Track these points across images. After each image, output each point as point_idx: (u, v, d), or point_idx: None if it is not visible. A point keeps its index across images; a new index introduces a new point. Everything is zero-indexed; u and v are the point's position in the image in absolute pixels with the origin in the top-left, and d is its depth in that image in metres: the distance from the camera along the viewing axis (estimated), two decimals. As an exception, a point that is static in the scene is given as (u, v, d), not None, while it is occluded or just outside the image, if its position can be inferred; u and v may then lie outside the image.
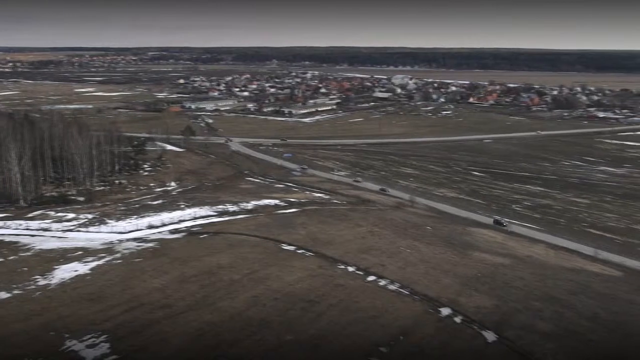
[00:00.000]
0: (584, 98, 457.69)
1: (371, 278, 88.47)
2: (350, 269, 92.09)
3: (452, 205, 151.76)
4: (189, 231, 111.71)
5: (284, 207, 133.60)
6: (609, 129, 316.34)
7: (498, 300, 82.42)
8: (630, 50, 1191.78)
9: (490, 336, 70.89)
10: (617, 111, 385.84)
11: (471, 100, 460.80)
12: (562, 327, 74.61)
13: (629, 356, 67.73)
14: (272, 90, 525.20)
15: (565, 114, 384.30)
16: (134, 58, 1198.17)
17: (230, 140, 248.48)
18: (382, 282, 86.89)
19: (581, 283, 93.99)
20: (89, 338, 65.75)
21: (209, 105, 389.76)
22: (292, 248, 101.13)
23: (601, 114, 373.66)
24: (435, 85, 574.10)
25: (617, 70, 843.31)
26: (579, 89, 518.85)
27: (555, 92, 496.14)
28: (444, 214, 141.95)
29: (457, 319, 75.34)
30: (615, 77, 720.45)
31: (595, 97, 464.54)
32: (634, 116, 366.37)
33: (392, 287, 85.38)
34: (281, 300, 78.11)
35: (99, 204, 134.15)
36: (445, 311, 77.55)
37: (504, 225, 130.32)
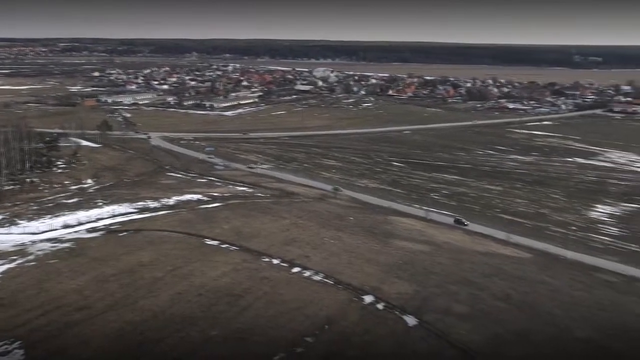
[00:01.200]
0: (495, 90, 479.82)
1: (296, 270, 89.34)
2: (275, 261, 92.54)
3: (374, 196, 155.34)
4: (108, 229, 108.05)
5: (207, 202, 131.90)
6: (518, 119, 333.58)
7: (418, 285, 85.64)
8: (536, 45, 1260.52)
9: (411, 320, 73.61)
10: (525, 102, 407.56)
11: (391, 92, 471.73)
12: (477, 308, 78.65)
13: (537, 332, 72.39)
14: (193, 83, 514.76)
15: (479, 105, 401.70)
16: (43, 49, 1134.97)
17: (149, 137, 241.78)
18: (307, 273, 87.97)
19: (495, 266, 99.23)
20: (1, 346, 62.55)
21: (127, 99, 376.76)
22: (215, 243, 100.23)
23: (511, 105, 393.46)
24: (356, 78, 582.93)
25: (525, 64, 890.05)
26: (490, 81, 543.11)
27: (469, 85, 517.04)
28: (366, 204, 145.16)
29: (380, 306, 77.65)
30: (523, 70, 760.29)
31: (506, 89, 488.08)
32: (540, 107, 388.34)
33: (316, 277, 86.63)
34: (205, 295, 77.41)
35: (9, 204, 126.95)
36: (368, 299, 79.67)
37: (465, 225, 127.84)
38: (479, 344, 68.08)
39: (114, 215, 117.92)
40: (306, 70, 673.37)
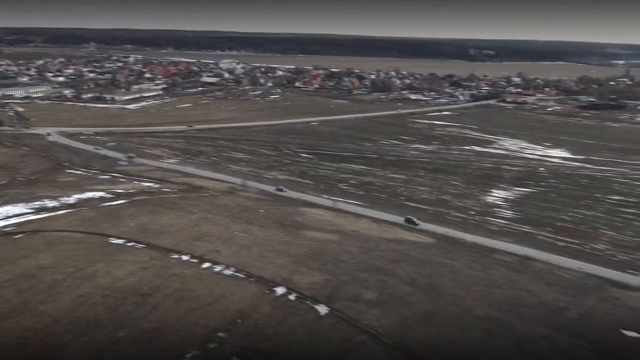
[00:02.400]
0: (398, 82, 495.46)
1: (206, 265, 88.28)
2: (184, 257, 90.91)
3: (284, 187, 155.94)
4: (1, 232, 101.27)
5: (110, 199, 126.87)
6: (420, 109, 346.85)
7: (328, 274, 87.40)
8: (436, 39, 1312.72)
9: (322, 309, 75.11)
10: (426, 93, 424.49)
11: (297, 84, 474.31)
12: (385, 293, 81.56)
13: (441, 312, 76.25)
14: (92, 75, 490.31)
15: (383, 96, 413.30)
16: None
17: (48, 133, 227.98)
18: (218, 268, 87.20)
19: (401, 252, 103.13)
20: None
21: (18, 92, 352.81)
22: (121, 241, 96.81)
23: (413, 96, 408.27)
24: (263, 69, 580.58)
25: (425, 56, 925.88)
26: (393, 73, 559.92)
27: (373, 77, 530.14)
28: (276, 196, 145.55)
29: (292, 297, 78.56)
30: (423, 62, 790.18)
31: (408, 81, 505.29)
32: (439, 98, 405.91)
33: (227, 272, 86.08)
34: (111, 296, 74.78)
35: None
36: (280, 290, 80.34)
37: (417, 224, 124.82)
38: (388, 327, 70.75)
39: (8, 217, 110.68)
40: (212, 62, 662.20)
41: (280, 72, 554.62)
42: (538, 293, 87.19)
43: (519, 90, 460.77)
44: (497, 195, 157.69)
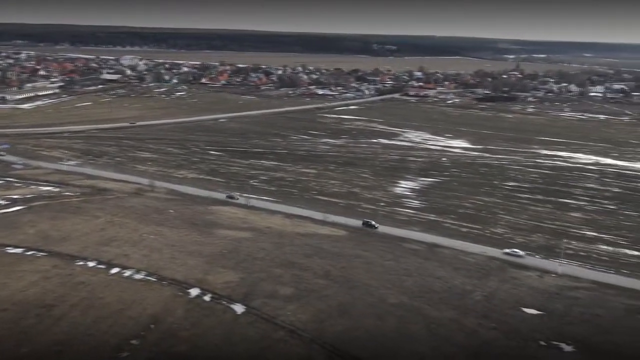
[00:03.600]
0: (305, 77, 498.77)
1: (115, 270, 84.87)
2: (91, 264, 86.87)
3: (193, 186, 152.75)
4: None
5: (5, 206, 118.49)
6: (328, 104, 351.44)
7: (243, 272, 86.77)
8: (340, 34, 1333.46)
9: (239, 308, 74.50)
10: (333, 88, 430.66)
11: (204, 80, 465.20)
12: (301, 288, 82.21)
13: (356, 303, 77.95)
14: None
15: (290, 92, 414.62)
16: None
17: None
18: (128, 273, 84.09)
19: (314, 246, 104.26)
20: None
21: None
22: (19, 251, 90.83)
23: (320, 91, 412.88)
24: (167, 66, 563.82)
25: (331, 52, 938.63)
26: (300, 68, 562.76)
27: (280, 72, 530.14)
28: (186, 196, 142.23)
29: (207, 298, 77.30)
30: (329, 57, 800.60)
31: (314, 76, 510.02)
32: (346, 92, 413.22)
33: (138, 276, 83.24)
34: (11, 310, 70.07)
35: None
36: (194, 292, 78.78)
37: (375, 227, 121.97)
38: (305, 322, 71.39)
39: None
40: (112, 58, 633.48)
41: (185, 69, 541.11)
42: (446, 278, 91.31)
43: (420, 84, 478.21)
44: (404, 186, 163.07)
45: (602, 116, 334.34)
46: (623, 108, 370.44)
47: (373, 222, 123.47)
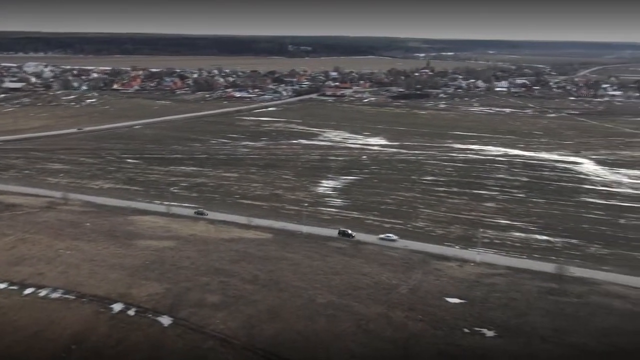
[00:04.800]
0: (222, 80, 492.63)
1: (29, 291, 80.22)
2: (1, 286, 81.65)
3: (110, 197, 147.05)
4: None
5: None
6: (246, 107, 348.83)
7: (169, 283, 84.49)
8: (255, 36, 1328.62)
9: (165, 320, 72.50)
10: (250, 90, 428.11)
11: (116, 86, 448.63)
12: (229, 295, 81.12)
13: (285, 306, 77.91)
14: None
15: (207, 95, 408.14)
16: None
17: None
18: (43, 292, 79.72)
19: (240, 251, 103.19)
20: None
21: None
22: None
23: (238, 94, 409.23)
24: (75, 72, 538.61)
25: (246, 53, 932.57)
26: (216, 71, 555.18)
27: (195, 75, 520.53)
28: (103, 207, 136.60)
29: (131, 312, 74.67)
30: (245, 59, 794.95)
31: (231, 79, 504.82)
32: (264, 94, 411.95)
33: (55, 295, 79.13)
34: None
35: None
36: (117, 307, 75.87)
37: (352, 236, 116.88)
38: (235, 329, 70.59)
39: None
40: (14, 65, 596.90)
41: (95, 75, 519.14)
42: (372, 274, 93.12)
43: (337, 83, 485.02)
44: (326, 186, 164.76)
45: (507, 109, 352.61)
46: (526, 101, 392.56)
47: (350, 232, 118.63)
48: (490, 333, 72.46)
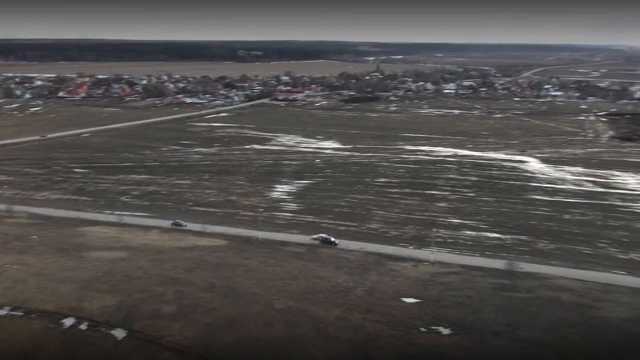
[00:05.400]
0: (172, 86, 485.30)
1: (-27, 309, 76.83)
2: (-57, 305, 77.91)
3: (58, 208, 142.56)
4: None
5: None
6: (197, 113, 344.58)
7: (122, 295, 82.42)
8: (205, 41, 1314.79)
9: (119, 333, 70.74)
10: (202, 96, 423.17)
11: (61, 94, 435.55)
12: (185, 304, 79.79)
13: (243, 313, 77.24)
14: None
15: (157, 101, 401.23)
16: None
17: None
18: (-12, 310, 76.47)
19: (195, 259, 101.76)
20: None
21: None
22: None
23: (188, 100, 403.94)
24: (18, 80, 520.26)
25: (196, 59, 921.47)
26: (165, 77, 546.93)
27: (145, 82, 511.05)
28: (51, 219, 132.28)
29: (83, 326, 72.52)
30: (195, 65, 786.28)
31: (181, 84, 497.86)
32: (215, 100, 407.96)
33: (1, 312, 76.01)
34: None
35: None
36: (68, 322, 73.53)
37: (336, 244, 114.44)
38: (192, 339, 69.50)
39: None
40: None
41: (39, 82, 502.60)
42: (329, 277, 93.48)
43: (288, 88, 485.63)
44: (281, 190, 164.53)
45: (456, 111, 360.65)
46: (473, 103, 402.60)
47: (332, 239, 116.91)
48: (446, 331, 73.83)
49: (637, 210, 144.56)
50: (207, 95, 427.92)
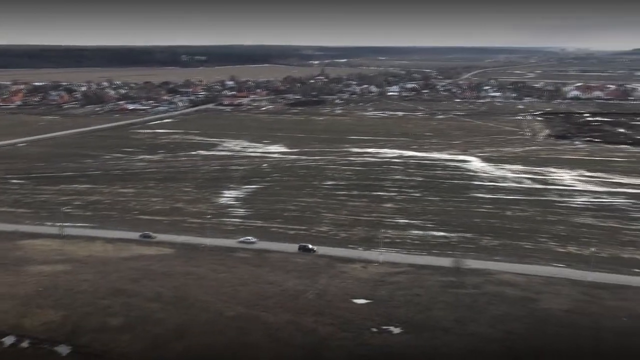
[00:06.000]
0: (113, 92, 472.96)
1: None
2: None
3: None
4: None
5: None
6: (140, 119, 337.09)
7: (66, 310, 79.73)
8: (147, 46, 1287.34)
9: (64, 349, 68.53)
10: (144, 102, 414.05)
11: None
12: (132, 316, 77.97)
13: (193, 322, 76.12)
14: None
15: (98, 109, 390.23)
16: None
17: None
18: None
19: (142, 269, 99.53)
20: None
21: None
22: None
23: (131, 106, 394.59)
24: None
25: (138, 65, 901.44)
26: (106, 83, 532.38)
27: (84, 88, 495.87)
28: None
29: (25, 344, 69.86)
30: (137, 70, 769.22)
31: (123, 91, 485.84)
32: (159, 106, 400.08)
33: None
34: None
35: None
36: (8, 340, 70.67)
37: (314, 251, 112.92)
38: (141, 350, 68.10)
39: None
40: None
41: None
42: (279, 282, 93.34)
43: (233, 93, 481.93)
44: (229, 196, 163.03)
45: (400, 113, 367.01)
46: (416, 104, 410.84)
47: (310, 246, 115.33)
48: (396, 330, 74.99)
49: (573, 205, 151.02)
50: (150, 102, 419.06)
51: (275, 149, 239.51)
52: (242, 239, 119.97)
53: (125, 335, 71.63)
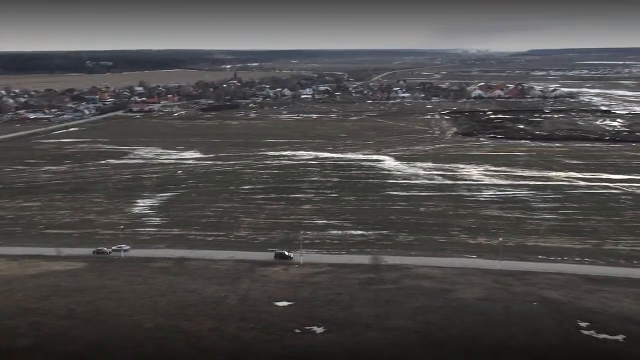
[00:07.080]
0: (11, 101, 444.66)
1: None
2: None
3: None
4: None
5: None
6: (44, 129, 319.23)
7: (-34, 334, 73.99)
8: (47, 52, 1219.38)
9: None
10: (47, 111, 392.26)
11: None
12: (42, 335, 73.67)
13: (110, 338, 72.90)
14: None
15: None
16: None
17: None
18: None
19: (51, 285, 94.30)
20: None
21: None
22: None
23: (32, 116, 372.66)
24: None
25: (37, 71, 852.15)
26: (3, 91, 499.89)
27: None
28: None
29: None
30: (37, 77, 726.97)
31: (23, 99, 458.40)
32: (63, 114, 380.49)
33: None
34: None
35: None
36: None
37: (291, 257, 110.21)
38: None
39: None
40: None
41: None
42: (199, 290, 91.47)
43: (143, 98, 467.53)
44: (142, 205, 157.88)
45: (314, 115, 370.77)
46: (330, 106, 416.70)
47: (287, 252, 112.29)
48: (319, 329, 75.52)
49: (481, 199, 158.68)
50: (54, 110, 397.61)
51: (190, 155, 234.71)
52: (115, 247, 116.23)
53: (35, 356, 67.53)
